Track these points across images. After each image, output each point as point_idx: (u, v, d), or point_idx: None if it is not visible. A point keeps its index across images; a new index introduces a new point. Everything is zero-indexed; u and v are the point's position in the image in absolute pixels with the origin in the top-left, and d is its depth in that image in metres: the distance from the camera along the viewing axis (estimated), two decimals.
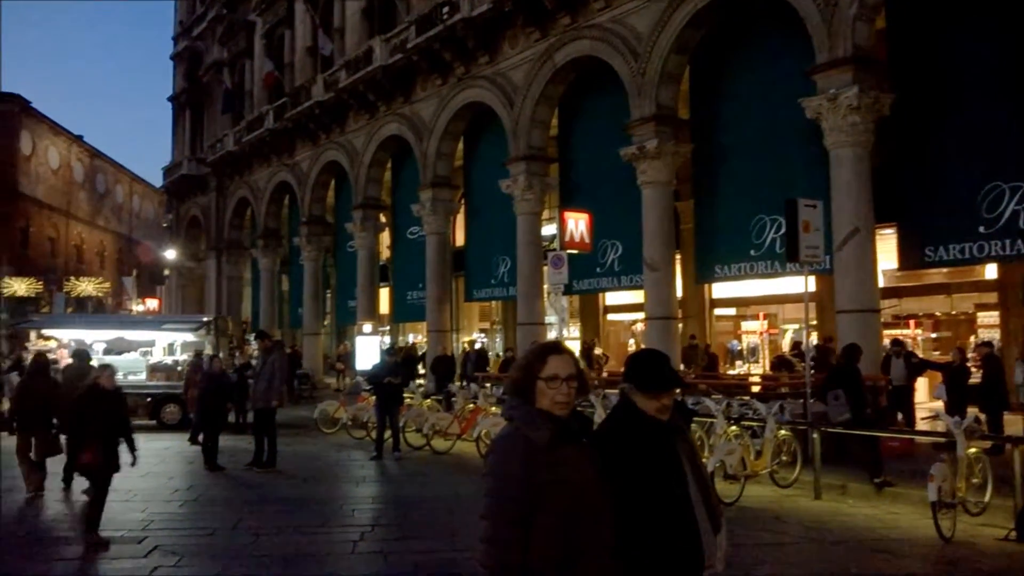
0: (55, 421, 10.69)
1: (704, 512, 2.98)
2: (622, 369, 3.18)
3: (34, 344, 20.59)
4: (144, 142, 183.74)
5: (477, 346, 23.50)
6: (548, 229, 20.77)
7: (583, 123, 19.25)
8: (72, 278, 56.83)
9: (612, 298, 23.05)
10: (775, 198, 13.59)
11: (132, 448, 8.35)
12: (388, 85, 24.22)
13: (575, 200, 18.53)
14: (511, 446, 2.73)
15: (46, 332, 21.37)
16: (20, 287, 51.22)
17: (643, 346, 17.56)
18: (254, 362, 16.06)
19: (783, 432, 10.76)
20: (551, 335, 19.04)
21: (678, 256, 17.89)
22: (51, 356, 18.91)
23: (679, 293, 18.08)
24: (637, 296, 18.63)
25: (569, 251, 16.22)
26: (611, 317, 24.29)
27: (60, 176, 65.82)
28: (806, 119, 13.51)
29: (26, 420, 10.99)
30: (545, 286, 19.27)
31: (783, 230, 12.77)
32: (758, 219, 15.06)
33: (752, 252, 15.24)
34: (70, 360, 15.11)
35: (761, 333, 20.77)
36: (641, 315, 18.64)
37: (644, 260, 16.47)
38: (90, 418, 8.01)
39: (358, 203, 26.16)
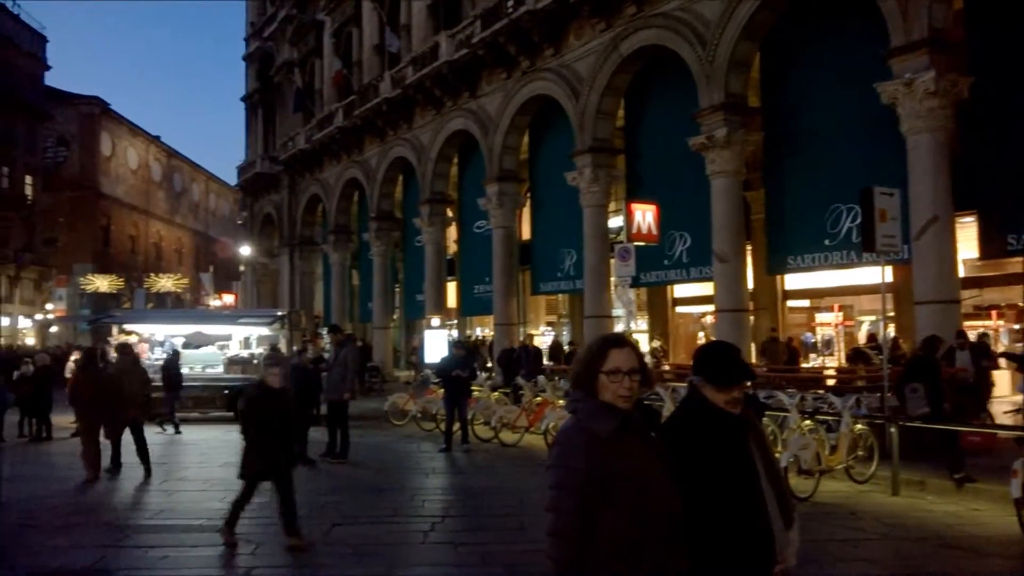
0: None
1: (776, 506, 2.94)
2: (692, 362, 3.14)
3: (116, 338, 21.30)
4: (220, 141, 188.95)
5: (548, 340, 23.42)
6: (615, 221, 20.63)
7: (650, 113, 19.06)
8: (152, 274, 58.78)
9: (681, 290, 22.81)
10: (850, 186, 13.24)
11: (296, 444, 7.98)
12: (454, 80, 24.37)
13: (642, 191, 18.36)
14: (575, 439, 2.73)
15: (127, 327, 22.11)
16: (102, 284, 53.24)
17: (713, 339, 17.33)
18: (326, 355, 16.33)
19: (859, 426, 10.51)
20: (618, 328, 18.93)
21: (749, 247, 17.59)
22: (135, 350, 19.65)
23: (750, 285, 17.78)
24: (706, 288, 18.38)
25: (636, 243, 16.09)
26: (680, 310, 24.03)
27: (139, 176, 68.11)
28: (881, 105, 13.13)
29: (84, 408, 11.65)
30: (612, 279, 19.15)
31: (859, 219, 12.44)
32: (833, 208, 14.70)
33: (827, 242, 14.89)
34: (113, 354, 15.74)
35: (836, 325, 20.29)
36: (711, 307, 18.41)
37: (714, 251, 16.24)
38: (260, 418, 7.54)
39: (425, 198, 26.40)
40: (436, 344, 22.88)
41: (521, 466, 12.30)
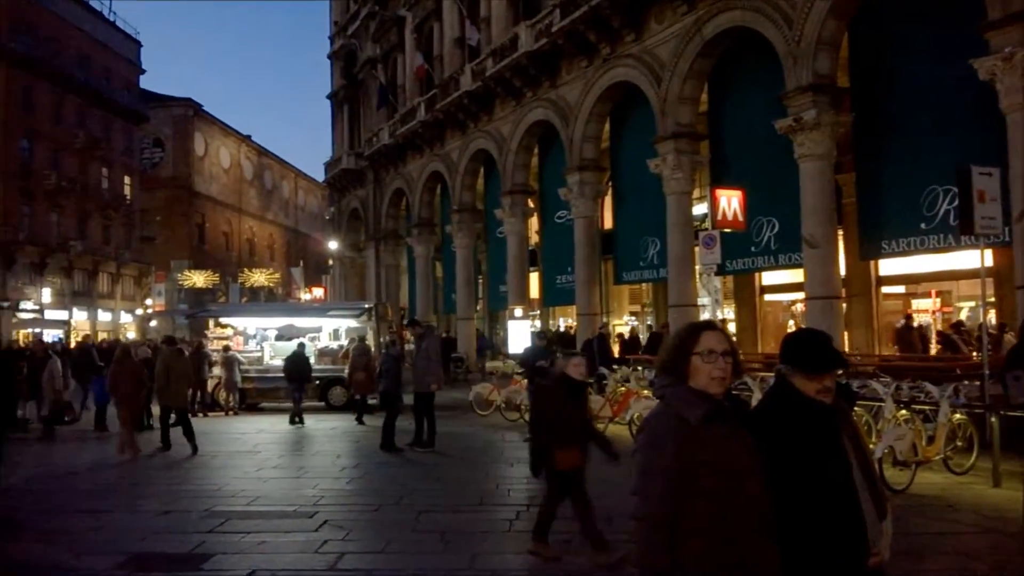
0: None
1: (869, 497, 2.87)
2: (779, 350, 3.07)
3: (212, 331, 22.05)
4: (308, 139, 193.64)
5: (630, 327, 23.24)
6: (699, 208, 20.32)
7: (734, 97, 18.66)
8: (245, 269, 60.74)
9: (769, 278, 22.31)
10: (946, 167, 12.70)
11: (603, 444, 7.09)
12: (534, 70, 24.34)
13: (727, 177, 18.02)
14: (663, 424, 2.71)
15: (224, 320, 22.87)
16: (198, 279, 55.24)
17: (803, 327, 16.89)
18: (409, 347, 16.60)
19: (958, 416, 10.14)
20: (704, 317, 18.68)
21: (840, 232, 17.09)
22: (228, 343, 20.35)
23: (842, 271, 17.27)
24: (796, 275, 17.94)
25: (721, 230, 15.82)
26: (768, 298, 23.49)
27: (231, 174, 70.33)
28: (979, 81, 12.56)
29: (123, 394, 12.94)
30: (697, 267, 18.89)
31: (956, 201, 11.92)
32: (929, 190, 14.16)
33: (923, 225, 14.35)
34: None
35: (934, 312, 19.55)
36: (801, 295, 17.97)
37: (803, 237, 15.82)
38: (563, 415, 6.76)
39: (506, 189, 26.48)
40: (519, 335, 22.96)
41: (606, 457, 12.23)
